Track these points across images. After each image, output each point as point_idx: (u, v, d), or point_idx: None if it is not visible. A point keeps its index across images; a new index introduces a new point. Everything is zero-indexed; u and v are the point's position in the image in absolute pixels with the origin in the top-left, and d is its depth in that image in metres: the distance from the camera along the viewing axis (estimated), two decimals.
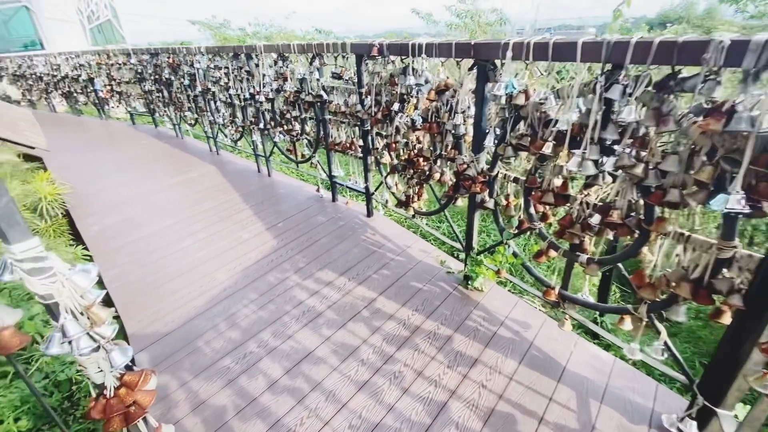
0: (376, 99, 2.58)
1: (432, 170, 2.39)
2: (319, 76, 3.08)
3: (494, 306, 2.25)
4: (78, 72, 7.12)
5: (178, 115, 5.62)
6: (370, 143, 2.92)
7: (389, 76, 2.41)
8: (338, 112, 3.03)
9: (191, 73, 4.66)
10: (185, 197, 3.99)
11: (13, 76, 8.58)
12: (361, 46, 2.51)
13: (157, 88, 5.66)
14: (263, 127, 3.96)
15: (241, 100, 4.07)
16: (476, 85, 1.89)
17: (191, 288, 2.56)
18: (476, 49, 1.80)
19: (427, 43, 2.02)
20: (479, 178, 2.03)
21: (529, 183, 1.79)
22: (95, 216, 3.71)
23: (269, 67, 3.53)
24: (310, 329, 2.14)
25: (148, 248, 3.08)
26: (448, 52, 1.93)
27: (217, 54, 4.12)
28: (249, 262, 2.79)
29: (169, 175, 4.65)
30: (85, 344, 1.01)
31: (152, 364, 1.99)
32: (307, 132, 3.58)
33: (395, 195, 2.89)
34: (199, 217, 3.53)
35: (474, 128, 2.00)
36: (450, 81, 2.06)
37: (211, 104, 4.69)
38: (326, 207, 3.55)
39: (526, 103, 1.67)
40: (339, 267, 2.66)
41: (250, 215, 3.48)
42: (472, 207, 2.21)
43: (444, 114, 2.12)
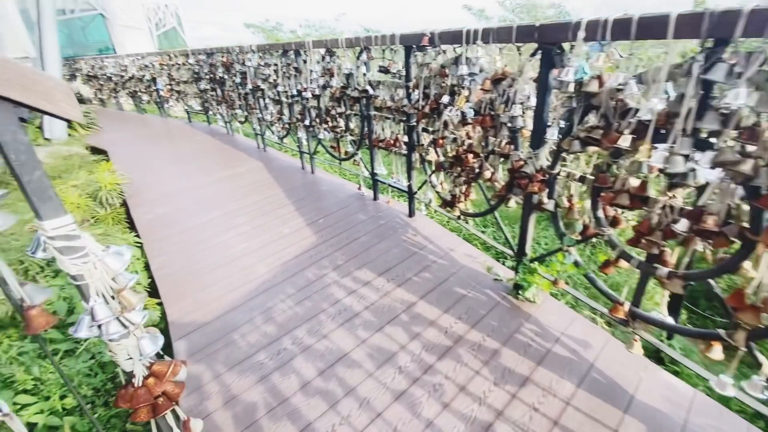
0: (424, 92, 2.45)
1: (482, 167, 2.22)
2: (366, 70, 3.01)
3: (548, 320, 2.03)
4: (143, 72, 7.64)
5: (229, 113, 5.82)
6: (415, 139, 2.79)
7: (440, 68, 2.27)
8: (383, 107, 2.93)
9: (242, 71, 4.78)
10: (231, 191, 4.08)
11: (87, 77, 9.40)
12: (410, 37, 2.40)
13: (211, 87, 5.90)
14: (308, 124, 3.96)
15: (289, 97, 4.10)
16: (539, 72, 1.71)
17: (231, 280, 2.57)
18: (542, 31, 1.61)
19: (483, 29, 1.86)
20: (537, 176, 1.83)
21: (599, 182, 1.57)
22: (148, 205, 3.89)
23: (317, 63, 3.52)
24: (345, 330, 2.04)
25: (194, 238, 3.15)
26: (508, 37, 1.76)
27: (268, 52, 4.19)
28: (288, 257, 2.75)
29: (218, 169, 4.80)
30: (115, 329, 0.96)
31: (189, 354, 1.98)
32: (351, 129, 3.52)
33: (440, 194, 2.74)
34: (243, 210, 3.58)
35: (534, 120, 1.81)
36: (508, 69, 1.89)
37: (260, 102, 4.79)
38: (367, 205, 3.46)
39: (600, 90, 1.47)
40: (378, 267, 2.55)
41: (291, 211, 3.47)
42: (528, 209, 2.01)
43: (499, 106, 1.94)
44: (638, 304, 1.67)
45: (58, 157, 5.80)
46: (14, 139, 0.74)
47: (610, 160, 1.53)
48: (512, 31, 1.72)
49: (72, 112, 0.78)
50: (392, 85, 2.87)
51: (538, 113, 1.78)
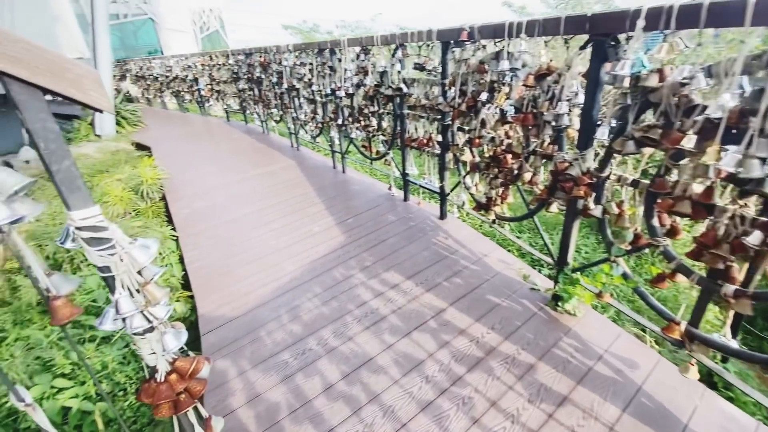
0: (461, 89, 2.36)
1: (522, 169, 2.09)
2: (400, 68, 2.94)
3: (590, 335, 1.88)
4: (186, 73, 7.96)
5: (265, 112, 5.94)
6: (449, 139, 2.70)
7: (478, 63, 2.17)
8: (417, 105, 2.86)
9: (279, 71, 4.86)
10: (264, 188, 4.14)
11: (135, 77, 9.94)
12: (448, 32, 2.31)
13: (249, 87, 6.05)
14: (341, 123, 3.95)
15: (323, 96, 4.11)
16: (590, 66, 1.58)
17: (260, 276, 2.58)
18: (594, 21, 1.49)
19: (528, 21, 1.75)
20: (584, 179, 1.69)
21: (656, 187, 1.42)
22: (186, 200, 4.01)
23: (351, 62, 3.49)
24: (371, 333, 1.99)
25: (227, 233, 3.21)
26: (555, 29, 1.64)
27: (304, 51, 4.22)
28: (316, 256, 2.74)
29: (253, 167, 4.90)
30: (139, 323, 0.95)
31: (217, 348, 2.00)
32: (384, 128, 3.47)
33: (474, 196, 2.63)
34: (274, 208, 3.62)
35: (582, 118, 1.68)
36: (554, 64, 1.76)
37: (294, 101, 4.84)
38: (397, 206, 3.39)
39: (661, 85, 1.32)
40: (406, 270, 2.48)
41: (321, 209, 3.47)
42: (572, 214, 1.87)
43: (543, 103, 1.82)
44: (697, 324, 1.50)
45: (107, 152, 6.14)
46: (44, 127, 0.73)
47: (669, 162, 1.38)
48: (560, 23, 1.60)
49: (101, 102, 0.77)
50: (427, 82, 2.79)
51: (587, 111, 1.65)
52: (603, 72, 1.55)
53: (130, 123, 7.60)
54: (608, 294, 1.79)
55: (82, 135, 6.95)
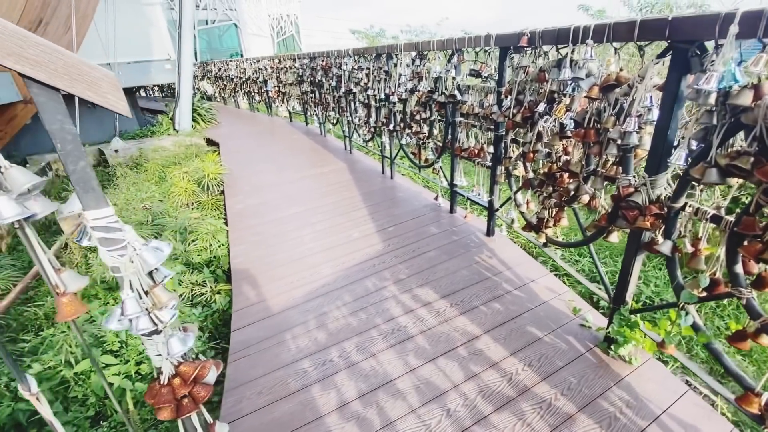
0: (518, 98, 2.19)
1: (579, 190, 1.88)
2: (456, 74, 2.83)
3: (647, 389, 1.62)
4: (257, 75, 8.48)
5: (324, 115, 6.11)
6: (502, 151, 2.52)
7: (538, 71, 1.99)
8: (470, 113, 2.72)
9: (338, 75, 4.96)
10: (314, 189, 4.23)
11: (214, 77, 10.81)
12: (507, 38, 2.16)
13: (311, 90, 6.27)
14: (392, 129, 3.91)
15: (377, 101, 4.11)
16: (668, 78, 1.35)
17: (296, 277, 2.61)
18: (675, 26, 1.27)
19: (596, 25, 1.56)
20: (652, 208, 1.46)
21: (741, 227, 1.17)
22: (241, 196, 4.23)
23: (406, 67, 3.44)
24: (395, 352, 1.90)
25: (273, 231, 3.32)
26: (629, 35, 1.43)
27: (362, 55, 4.25)
28: (352, 262, 2.71)
29: (306, 167, 5.05)
30: (144, 325, 0.96)
31: (244, 346, 2.04)
32: (435, 135, 3.37)
33: (524, 215, 2.43)
34: (320, 209, 3.67)
35: (655, 138, 1.45)
36: (624, 74, 1.55)
37: (351, 105, 4.91)
38: (442, 217, 3.26)
39: (756, 104, 1.09)
40: (442, 288, 2.35)
41: (364, 215, 3.45)
42: (634, 247, 1.63)
43: (608, 118, 1.61)
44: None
45: (182, 145, 6.73)
46: (61, 128, 0.75)
47: (762, 199, 1.13)
48: (635, 27, 1.40)
49: (118, 105, 0.78)
50: (482, 90, 2.65)
51: (662, 129, 1.42)
52: (684, 85, 1.32)
53: (204, 120, 8.27)
54: (672, 345, 1.52)
55: (164, 129, 7.69)
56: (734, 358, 2.45)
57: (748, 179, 1.15)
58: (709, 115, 1.24)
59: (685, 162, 1.33)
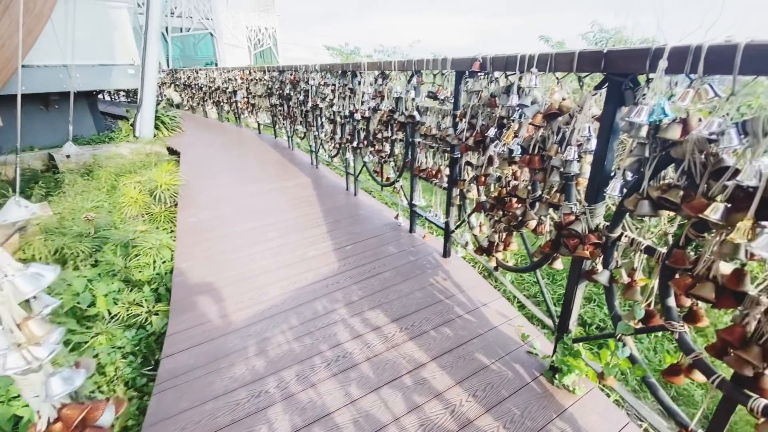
0: (471, 122, 2.18)
1: (526, 215, 1.87)
2: (415, 95, 2.83)
3: (589, 422, 1.58)
4: (226, 85, 8.31)
5: (292, 128, 6.01)
6: (457, 173, 2.51)
7: (489, 96, 2.00)
8: (429, 135, 2.70)
9: (306, 89, 4.90)
10: (274, 204, 4.09)
11: (183, 85, 10.52)
12: (462, 62, 2.17)
13: (279, 103, 6.17)
14: (356, 146, 3.87)
15: (342, 118, 4.07)
16: (604, 109, 1.36)
17: (242, 298, 2.46)
18: (610, 59, 1.29)
19: (540, 54, 1.57)
20: (591, 237, 1.45)
21: (672, 260, 1.17)
22: (196, 208, 4.03)
23: (370, 85, 3.42)
24: (337, 382, 1.78)
25: (224, 247, 3.15)
26: (569, 65, 1.44)
27: (329, 71, 4.22)
28: (304, 283, 2.59)
29: (270, 181, 4.90)
30: (14, 363, 0.83)
31: (171, 375, 1.86)
32: (396, 154, 3.34)
33: (477, 238, 2.40)
34: (278, 225, 3.53)
35: (593, 168, 1.45)
36: (566, 103, 1.56)
37: (317, 120, 4.85)
38: (401, 237, 3.21)
39: (684, 139, 1.09)
40: (394, 311, 2.27)
41: (323, 232, 3.34)
42: (575, 276, 1.62)
43: (552, 146, 1.61)
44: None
45: (141, 153, 6.41)
46: None
47: (691, 232, 1.13)
48: (574, 58, 1.41)
49: None
50: (439, 112, 2.65)
51: (599, 159, 1.42)
52: (618, 117, 1.33)
53: (168, 128, 7.96)
54: (612, 377, 1.50)
55: (123, 135, 7.33)
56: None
57: (678, 213, 1.15)
58: (642, 147, 1.25)
59: (620, 193, 1.33)
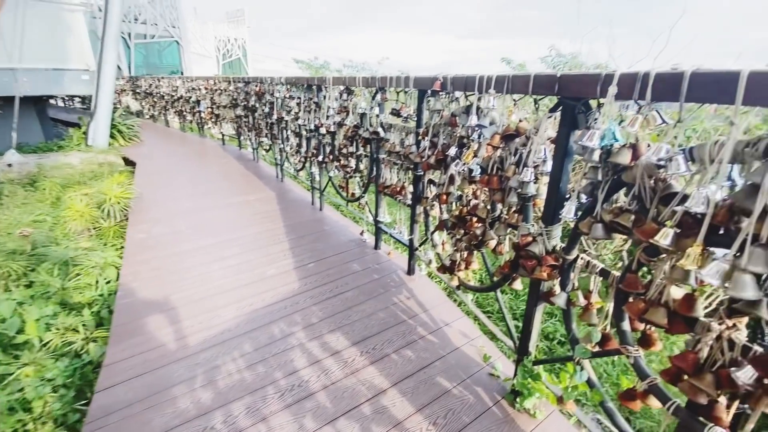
0: (432, 141, 2.16)
1: (486, 235, 1.84)
2: (379, 111, 2.79)
3: None
4: (190, 94, 8.02)
5: (257, 140, 5.85)
6: (420, 190, 2.48)
7: (450, 116, 1.99)
8: (392, 152, 2.67)
9: (271, 101, 4.79)
10: (236, 219, 3.90)
11: (145, 93, 10.07)
12: (424, 80, 2.15)
13: (245, 114, 6.00)
14: (322, 160, 3.78)
15: (307, 131, 3.98)
16: (559, 132, 1.36)
17: (192, 322, 2.28)
18: (563, 83, 1.29)
19: (498, 76, 1.57)
20: (548, 259, 1.43)
21: (625, 284, 1.16)
22: (148, 223, 3.78)
23: (335, 100, 3.37)
24: (291, 414, 1.66)
25: (176, 266, 2.94)
26: (524, 87, 1.44)
27: (294, 85, 4.14)
28: (261, 304, 2.44)
29: (232, 194, 4.70)
30: None
31: (105, 412, 1.67)
32: (361, 170, 3.28)
33: (440, 256, 2.36)
34: (238, 241, 3.36)
35: (549, 189, 1.45)
36: (523, 125, 1.56)
37: (282, 133, 4.73)
38: (366, 254, 3.13)
39: (634, 164, 1.10)
40: (355, 334, 2.17)
41: (285, 249, 3.20)
42: (534, 297, 1.59)
43: (509, 167, 1.60)
44: None
45: (92, 163, 6.02)
46: None
47: (643, 257, 1.12)
48: (529, 81, 1.41)
49: None
50: (403, 129, 2.62)
51: (554, 181, 1.42)
52: (572, 140, 1.33)
53: (125, 137, 7.55)
54: (571, 401, 1.47)
55: (74, 144, 6.87)
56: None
57: (630, 237, 1.15)
58: (595, 171, 1.25)
59: (575, 215, 1.33)
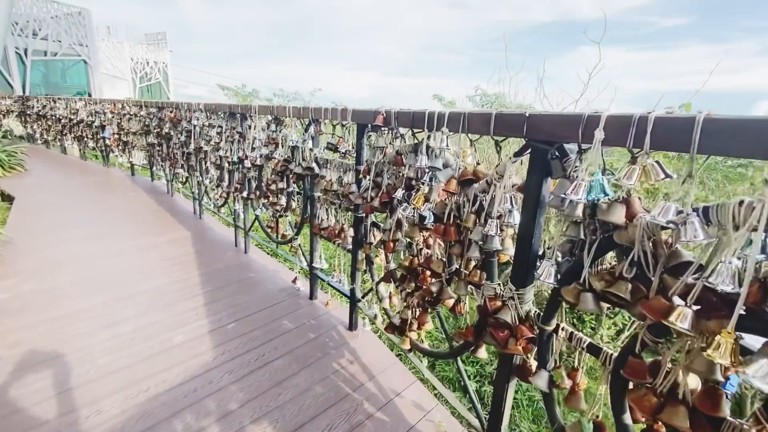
0: (376, 181, 1.87)
1: (443, 292, 1.56)
2: (313, 145, 2.46)
3: None
4: (93, 118, 6.95)
5: (172, 171, 5.12)
6: (363, 234, 2.16)
7: (395, 154, 1.72)
8: (329, 190, 2.33)
9: (188, 129, 4.20)
10: (138, 267, 3.20)
11: (37, 116, 8.57)
12: (364, 114, 1.88)
13: (158, 142, 5.27)
14: (246, 196, 3.30)
15: (230, 164, 3.48)
16: (528, 180, 1.15)
17: (59, 423, 1.63)
18: (534, 124, 1.08)
19: (451, 112, 1.34)
20: (524, 329, 1.18)
21: (628, 372, 0.92)
22: (15, 278, 2.91)
23: (262, 131, 2.97)
24: None
25: (47, 338, 2.21)
26: (485, 127, 1.22)
27: (214, 112, 3.64)
28: (161, 389, 1.86)
29: (137, 235, 3.93)
30: None
31: None
32: (293, 209, 2.88)
33: (387, 312, 2.04)
34: (137, 298, 2.69)
35: (518, 245, 1.21)
36: (482, 168, 1.33)
37: (201, 164, 4.15)
38: (300, 305, 2.68)
39: (630, 224, 0.89)
40: (287, 421, 1.71)
41: (198, 306, 2.63)
42: (506, 372, 1.32)
43: (468, 215, 1.35)
44: None
45: None
46: None
47: (648, 336, 0.91)
48: (491, 120, 1.19)
49: None
50: (341, 166, 2.31)
51: (525, 236, 1.19)
52: (545, 189, 1.12)
53: (4, 166, 6.22)
54: None
55: None
56: None
57: (629, 310, 0.93)
58: (576, 227, 1.03)
59: (554, 278, 1.10)
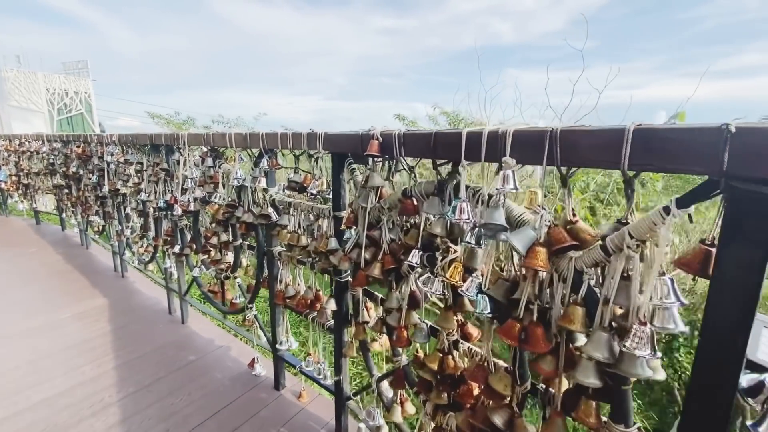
0: (371, 236, 1.23)
1: (515, 428, 0.93)
2: (267, 184, 1.76)
3: None
4: None
5: (85, 219, 4.04)
6: (350, 308, 1.48)
7: (402, 197, 1.10)
8: (295, 245, 1.63)
9: (101, 167, 3.25)
10: (31, 359, 2.20)
11: None
12: (345, 140, 1.26)
13: (66, 183, 4.17)
14: (180, 251, 2.47)
15: (155, 209, 2.63)
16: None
17: None
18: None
19: (517, 130, 0.75)
20: None
21: None
22: None
23: (194, 167, 2.19)
24: None
25: None
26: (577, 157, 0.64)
27: (132, 145, 2.78)
28: None
29: (32, 311, 2.86)
30: None
31: None
32: (245, 267, 2.12)
33: (400, 428, 1.36)
34: (18, 422, 1.75)
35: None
36: (585, 227, 0.74)
37: (120, 210, 3.21)
38: (262, 401, 1.90)
39: None
40: None
41: (114, 423, 1.75)
42: None
43: (570, 306, 0.75)
44: None
45: None
46: None
47: None
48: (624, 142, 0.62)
49: None
50: (311, 211, 1.62)
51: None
52: None
53: None
54: None
55: None
56: None
57: None
58: None
59: None
